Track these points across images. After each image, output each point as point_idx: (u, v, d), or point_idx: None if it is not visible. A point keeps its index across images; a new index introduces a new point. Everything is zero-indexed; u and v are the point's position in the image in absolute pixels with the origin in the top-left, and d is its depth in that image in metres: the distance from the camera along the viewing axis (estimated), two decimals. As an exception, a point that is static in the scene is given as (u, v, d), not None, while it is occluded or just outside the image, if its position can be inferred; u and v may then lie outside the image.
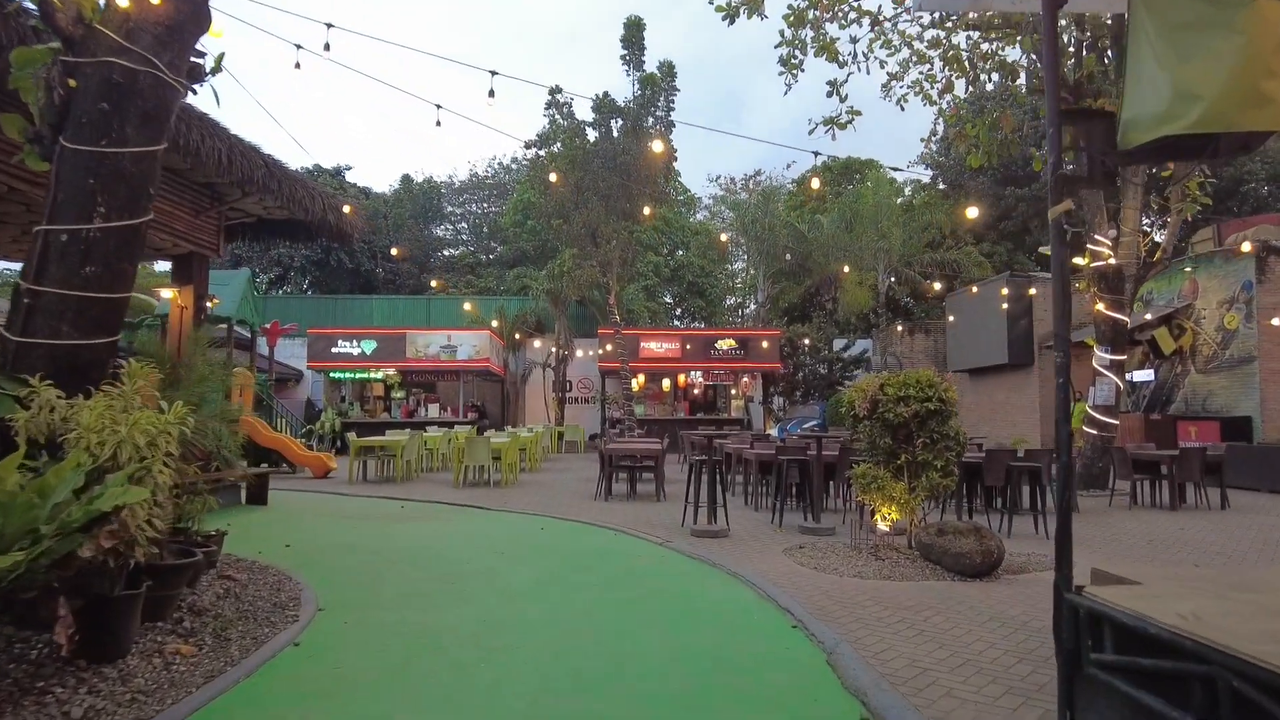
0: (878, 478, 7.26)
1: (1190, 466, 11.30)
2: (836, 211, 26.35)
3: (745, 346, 23.37)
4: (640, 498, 11.96)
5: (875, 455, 7.48)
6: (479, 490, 12.80)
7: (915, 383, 7.28)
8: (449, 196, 43.28)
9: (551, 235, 22.66)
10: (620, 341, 19.83)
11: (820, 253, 25.53)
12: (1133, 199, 13.30)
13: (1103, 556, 7.37)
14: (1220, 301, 16.18)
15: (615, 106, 19.80)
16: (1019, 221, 29.45)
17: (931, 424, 7.21)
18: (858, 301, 25.94)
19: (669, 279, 32.67)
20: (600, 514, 10.12)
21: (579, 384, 26.88)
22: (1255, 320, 15.44)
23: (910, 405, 7.16)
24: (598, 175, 19.79)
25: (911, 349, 26.94)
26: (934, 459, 7.26)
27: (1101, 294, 13.27)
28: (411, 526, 9.22)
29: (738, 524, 9.27)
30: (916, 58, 16.04)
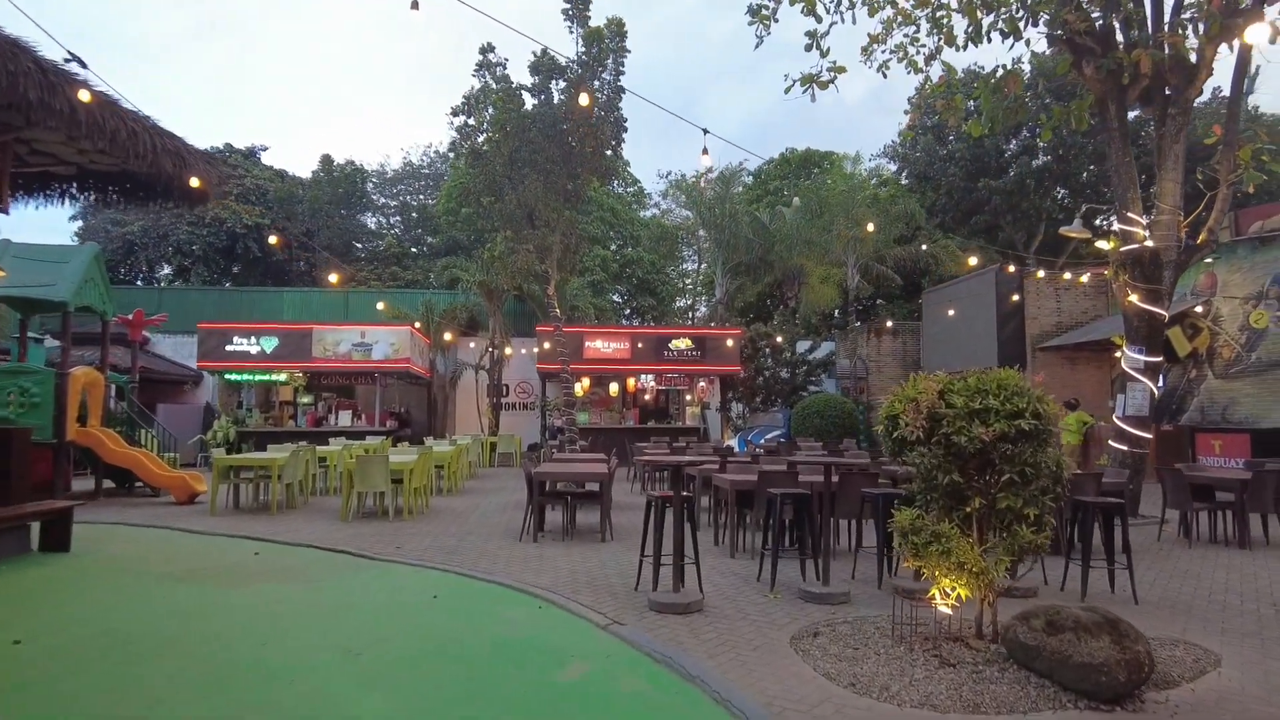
0: (942, 535, 4.72)
1: (1264, 493, 9.12)
2: (801, 201, 24.06)
3: (703, 347, 20.85)
4: (580, 535, 9.28)
5: (933, 498, 4.95)
6: (371, 526, 9.95)
7: (996, 388, 4.77)
8: (381, 187, 39.93)
9: (482, 216, 19.80)
10: (561, 340, 17.12)
11: (783, 246, 23.19)
12: (1172, 169, 11.14)
13: (1225, 634, 5.00)
14: (1244, 297, 14.24)
15: (556, 66, 17.09)
16: (990, 216, 27.63)
17: (1024, 452, 4.71)
18: (823, 299, 23.68)
19: (617, 275, 30.04)
20: (524, 566, 7.40)
21: (517, 388, 24.03)
22: (1289, 318, 13.53)
23: (991, 423, 4.64)
24: (536, 146, 17.04)
25: (879, 351, 24.81)
26: (1024, 506, 4.76)
27: (1134, 283, 11.13)
28: (247, 594, 6.36)
29: (713, 582, 6.67)
30: (901, 17, 13.78)
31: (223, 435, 19.10)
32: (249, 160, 33.52)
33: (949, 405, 4.80)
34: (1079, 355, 17.31)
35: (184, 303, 25.90)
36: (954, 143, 28.41)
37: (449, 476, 13.98)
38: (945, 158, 28.33)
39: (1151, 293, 11.10)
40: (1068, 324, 17.64)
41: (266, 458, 11.45)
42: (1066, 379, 17.30)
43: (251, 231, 29.58)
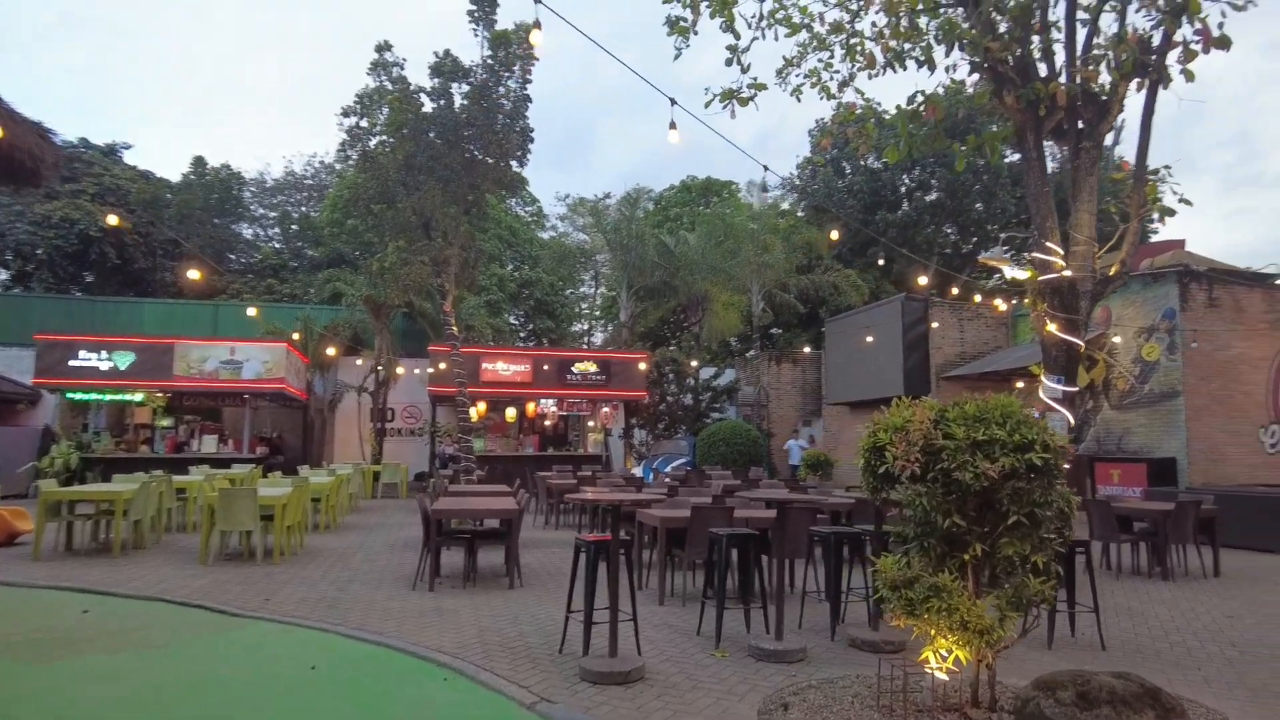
0: (943, 590, 3.99)
1: (1185, 524, 9.04)
2: (705, 227, 23.74)
3: (609, 371, 19.99)
4: (484, 580, 8.17)
5: (927, 543, 4.23)
6: (235, 571, 8.49)
7: (1000, 417, 4.12)
8: (260, 196, 37.25)
9: (372, 226, 18.32)
10: (458, 361, 15.88)
11: (688, 270, 22.75)
12: (1087, 201, 11.22)
13: (1211, 685, 4.56)
14: (1138, 331, 14.67)
15: (459, 68, 16.01)
16: (887, 248, 28.21)
17: (1033, 490, 4.06)
18: (727, 325, 23.35)
19: (514, 295, 28.87)
20: (422, 623, 6.25)
21: (404, 412, 22.41)
22: (1179, 352, 13.96)
23: (997, 457, 3.98)
24: (435, 152, 15.86)
25: (779, 379, 24.69)
26: (1030, 551, 4.11)
27: (1053, 313, 11.12)
28: (64, 672, 4.98)
29: (648, 638, 5.75)
30: (816, 42, 13.57)
31: (61, 462, 16.76)
32: (108, 158, 30.44)
33: (947, 436, 4.11)
34: (982, 384, 17.51)
35: (23, 311, 22.97)
36: (851, 176, 28.96)
37: (327, 510, 12.48)
38: (843, 190, 28.82)
39: (1069, 322, 11.09)
40: (971, 354, 17.86)
41: (108, 490, 9.72)
42: (968, 409, 17.43)
43: (108, 236, 26.68)
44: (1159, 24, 10.68)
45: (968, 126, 20.63)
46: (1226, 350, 14.18)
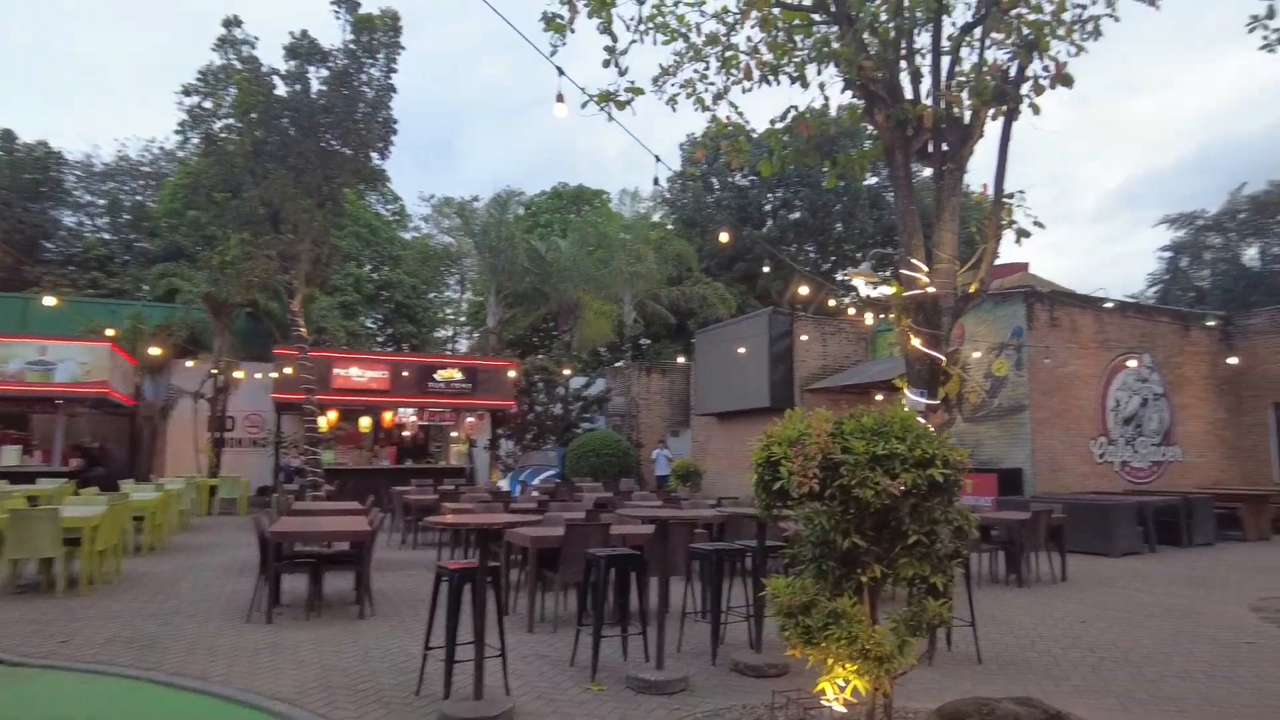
0: (841, 615, 3.72)
1: (1038, 533, 9.43)
2: (577, 234, 23.35)
3: (475, 379, 19.14)
4: (330, 609, 7.35)
5: (826, 565, 3.95)
6: (28, 607, 7.25)
7: (900, 431, 3.92)
8: (87, 182, 33.61)
9: (216, 216, 16.69)
10: (306, 365, 14.67)
11: (559, 277, 22.28)
12: (950, 221, 11.62)
13: (1083, 695, 4.60)
14: (989, 347, 15.47)
15: (317, 51, 14.87)
16: (754, 263, 28.84)
17: (933, 508, 3.88)
18: (598, 334, 23.03)
19: (372, 297, 27.37)
20: (255, 663, 5.44)
21: (245, 421, 20.61)
22: (1026, 368, 14.82)
23: (898, 473, 3.76)
24: (288, 139, 14.64)
25: (649, 389, 24.61)
26: (930, 572, 3.92)
27: (917, 328, 11.45)
28: None
29: (517, 671, 5.22)
30: (693, 52, 13.51)
31: None
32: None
33: (846, 450, 3.86)
34: (843, 397, 18.00)
35: None
36: (720, 192, 29.44)
37: (151, 531, 11.09)
38: (713, 205, 29.25)
39: (932, 338, 11.44)
40: (833, 367, 18.34)
41: None
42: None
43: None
44: (1014, 57, 11.26)
45: (833, 146, 21.33)
46: (1065, 367, 15.22)
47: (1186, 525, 12.55)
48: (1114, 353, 16.05)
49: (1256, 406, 17.71)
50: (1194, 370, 17.27)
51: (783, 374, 18.06)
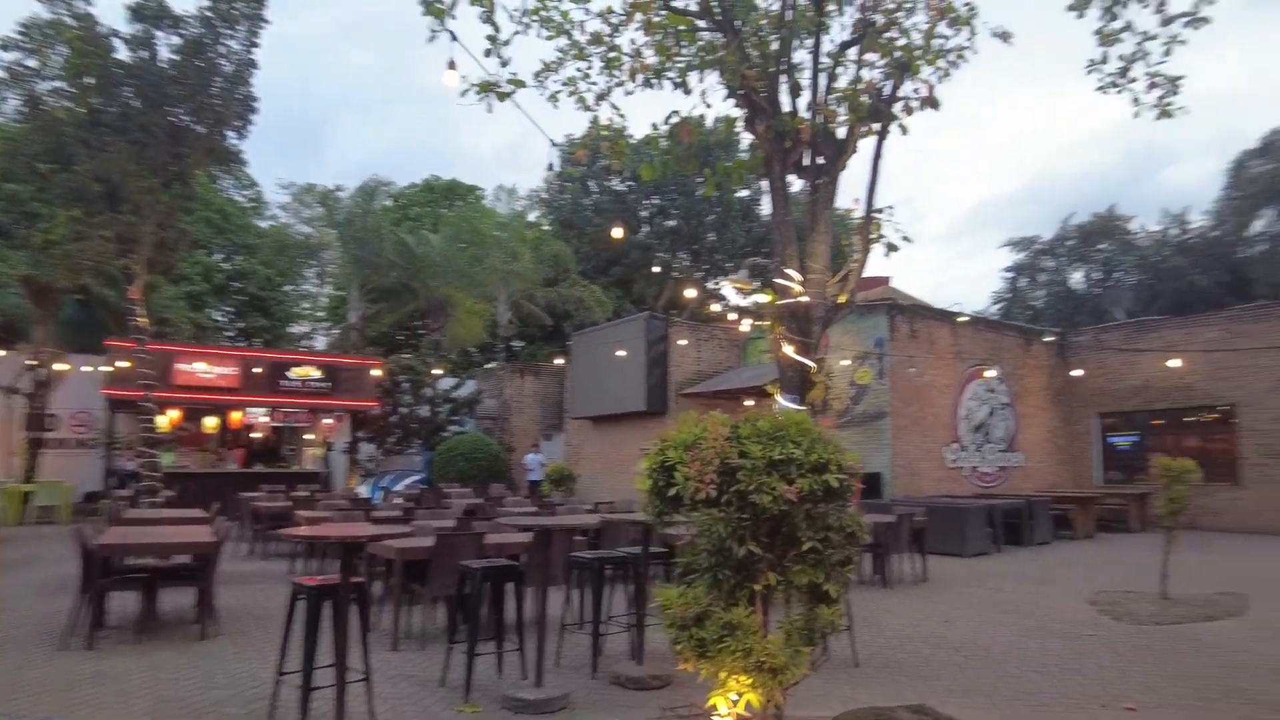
0: (736, 626, 3.58)
1: (902, 535, 9.79)
2: (450, 229, 22.55)
3: (335, 378, 18.05)
4: (166, 629, 6.59)
5: (722, 574, 3.80)
6: None
7: (797, 435, 3.84)
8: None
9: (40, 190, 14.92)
10: (145, 358, 13.33)
11: (430, 273, 21.44)
12: (823, 233, 11.95)
13: (955, 694, 4.74)
14: (853, 356, 16.07)
15: (168, 14, 13.56)
16: (630, 268, 28.93)
17: (828, 514, 3.82)
18: (470, 333, 22.33)
19: (222, 288, 25.44)
20: (69, 696, 4.74)
21: (71, 419, 18.59)
22: (887, 377, 15.49)
23: (794, 478, 3.67)
24: (130, 110, 13.27)
25: (522, 391, 24.12)
26: (823, 579, 3.86)
27: (790, 336, 11.69)
28: None
29: (381, 694, 4.80)
30: (576, 50, 13.32)
31: None
32: None
33: (743, 454, 3.74)
34: (715, 403, 18.24)
35: None
36: (598, 195, 29.36)
37: (-53, 544, 9.69)
38: (589, 207, 29.11)
39: (804, 345, 11.71)
40: (707, 372, 18.56)
41: None
42: (704, 425, 18.09)
43: None
44: (888, 77, 11.74)
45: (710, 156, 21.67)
46: (922, 377, 16.03)
47: (1029, 526, 13.46)
48: (966, 364, 17.07)
49: (1084, 416, 19.34)
50: (1034, 382, 18.65)
51: (658, 378, 18.10)
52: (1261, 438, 16.20)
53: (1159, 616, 7.75)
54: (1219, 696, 5.21)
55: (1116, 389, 18.60)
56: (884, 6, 12.08)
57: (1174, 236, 34.60)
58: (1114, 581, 9.81)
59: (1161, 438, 18.37)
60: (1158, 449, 18.47)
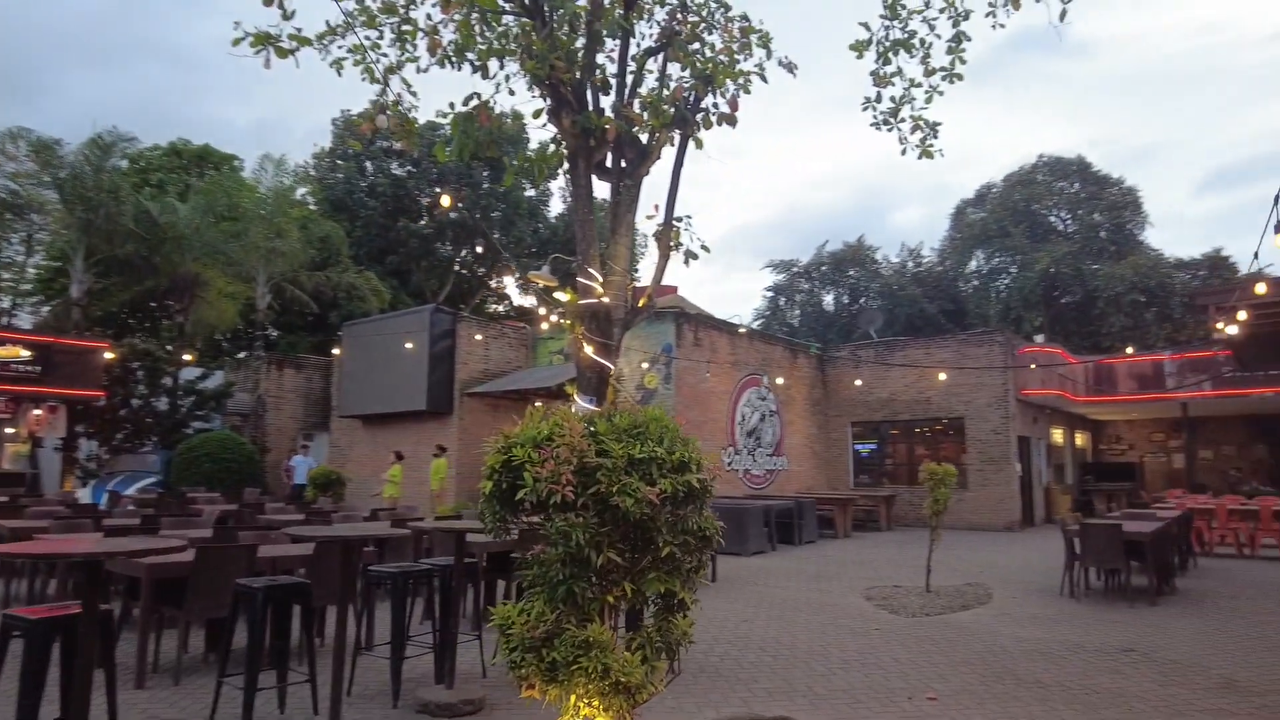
0: (594, 643, 3.20)
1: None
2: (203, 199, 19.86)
3: (48, 361, 15.10)
4: None
5: (578, 586, 3.39)
6: None
7: (657, 431, 3.55)
8: None
9: None
10: None
11: (174, 246, 18.74)
12: (625, 235, 11.88)
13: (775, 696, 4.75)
14: (641, 362, 16.24)
15: None
16: (406, 258, 27.35)
17: (688, 517, 3.56)
18: (223, 317, 19.81)
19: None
20: None
21: None
22: (674, 382, 15.81)
23: (656, 479, 3.38)
24: None
25: (281, 386, 21.88)
26: (679, 587, 3.59)
27: (590, 336, 11.47)
28: None
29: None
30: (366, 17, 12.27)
31: None
32: None
33: (602, 453, 3.38)
34: (501, 403, 17.66)
35: None
36: (376, 177, 27.56)
37: None
38: (366, 190, 27.23)
39: (604, 346, 11.57)
40: (494, 372, 17.91)
41: None
42: (489, 425, 17.42)
43: None
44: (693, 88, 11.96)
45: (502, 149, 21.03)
46: (704, 383, 16.58)
47: (799, 526, 14.31)
48: (742, 373, 17.92)
49: (839, 424, 21.11)
50: (798, 392, 20.03)
51: (442, 376, 17.15)
52: (982, 447, 18.58)
53: (927, 608, 8.43)
54: (996, 679, 5.65)
55: (868, 400, 20.49)
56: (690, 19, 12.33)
57: (910, 269, 39.16)
58: (880, 577, 10.61)
59: (898, 446, 20.54)
60: (895, 456, 20.67)
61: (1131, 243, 34.85)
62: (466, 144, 13.08)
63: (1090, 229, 35.10)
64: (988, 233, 37.12)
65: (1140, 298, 30.72)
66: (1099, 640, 6.86)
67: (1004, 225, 36.16)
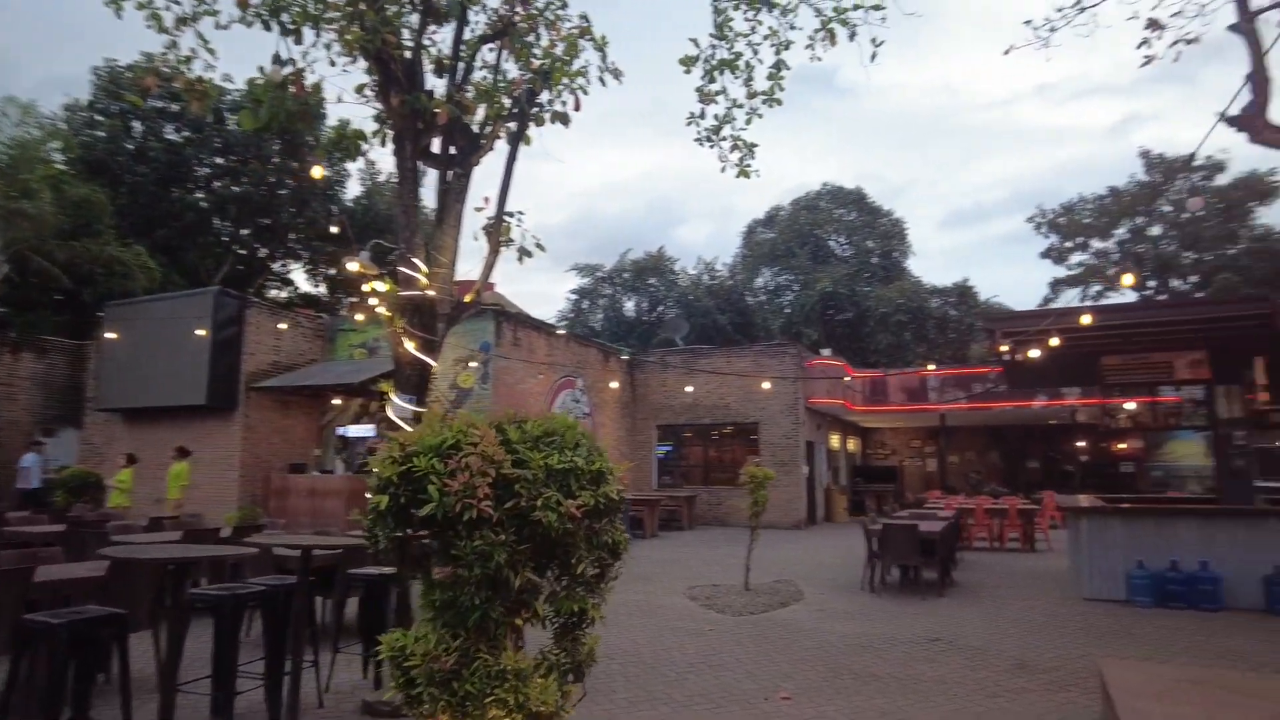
0: (510, 671, 2.95)
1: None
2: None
3: None
4: None
5: (495, 610, 3.09)
6: None
7: (573, 439, 3.36)
8: None
9: None
10: None
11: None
12: (453, 226, 11.33)
13: (614, 700, 4.74)
14: (456, 360, 15.63)
15: None
16: (179, 233, 24.37)
17: (605, 532, 3.39)
18: (-60, 289, 16.48)
19: None
20: None
21: None
22: (491, 382, 15.34)
23: (576, 492, 3.20)
24: None
25: (14, 372, 18.70)
26: (591, 605, 3.41)
27: (412, 331, 10.78)
28: None
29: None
30: (155, -43, 10.81)
31: None
32: None
33: (520, 463, 3.15)
34: (294, 400, 16.25)
35: None
36: (147, 139, 24.40)
37: None
38: (133, 154, 24.02)
39: (426, 343, 10.96)
40: (286, 364, 16.41)
41: None
42: (278, 424, 15.95)
43: None
44: (530, 82, 11.67)
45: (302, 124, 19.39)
46: (522, 383, 16.27)
47: (613, 529, 14.40)
48: (558, 374, 17.81)
49: (645, 427, 21.62)
50: (609, 394, 20.26)
51: (226, 368, 15.42)
52: (774, 450, 19.80)
53: (750, 606, 8.78)
54: (835, 674, 5.98)
55: (673, 405, 21.16)
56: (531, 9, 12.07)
57: (705, 281, 41.04)
58: (697, 576, 10.93)
59: (693, 448, 21.46)
60: (689, 458, 21.58)
61: (897, 269, 38.88)
62: (277, 113, 11.95)
63: (864, 254, 38.74)
64: (775, 252, 39.82)
65: (903, 318, 34.31)
66: (909, 632, 7.50)
67: (790, 246, 38.98)
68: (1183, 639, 7.18)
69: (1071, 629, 7.64)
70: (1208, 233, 32.91)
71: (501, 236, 12.23)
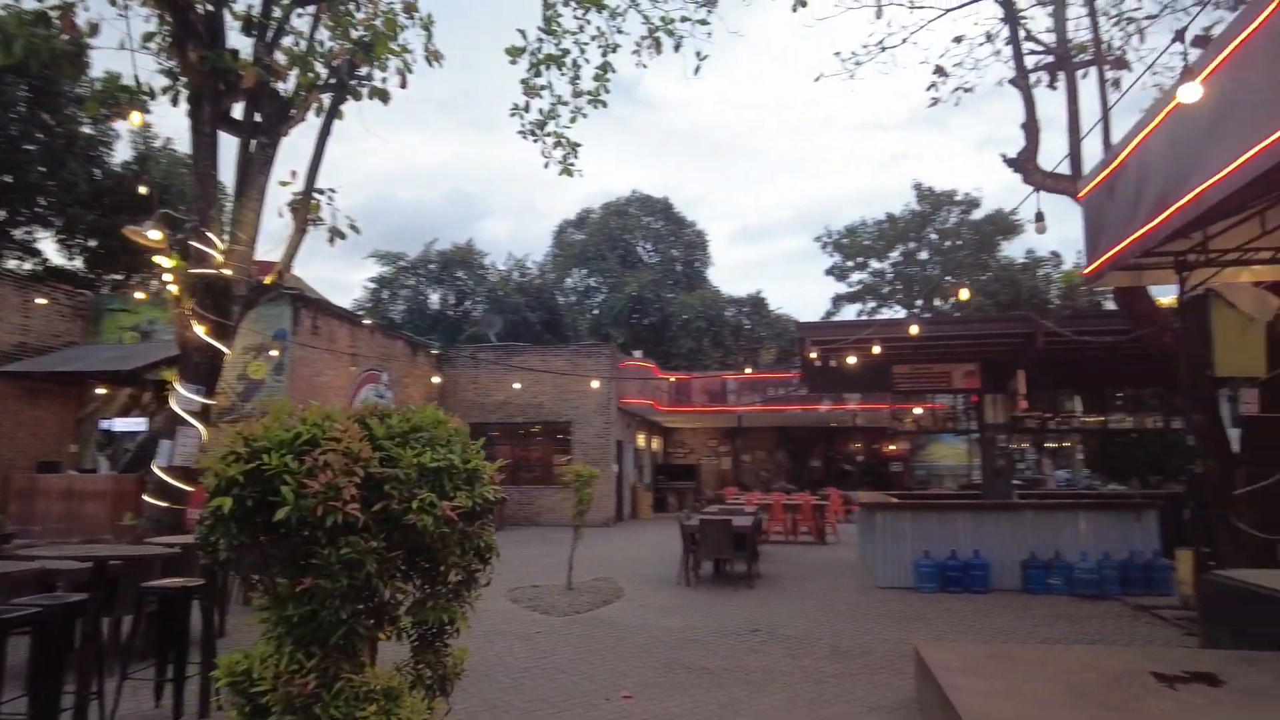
0: (383, 692, 2.68)
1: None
2: None
3: None
4: None
5: (362, 625, 2.76)
6: None
7: (445, 435, 3.15)
8: None
9: None
10: None
11: None
12: (255, 200, 10.32)
13: (472, 707, 4.55)
14: (245, 348, 14.23)
15: None
16: None
17: (478, 536, 3.18)
18: None
19: None
20: None
21: None
22: (286, 373, 14.10)
23: (451, 493, 2.98)
24: None
25: None
26: (460, 614, 3.19)
27: (204, 313, 9.61)
28: None
29: None
30: None
31: None
32: None
33: (390, 460, 2.89)
34: (46, 387, 14.06)
35: None
36: None
37: None
38: None
39: (220, 327, 9.87)
40: (36, 347, 14.15)
41: None
42: (25, 414, 13.72)
43: None
44: (351, 53, 10.87)
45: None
46: (321, 375, 15.13)
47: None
48: (361, 367, 16.79)
49: (453, 425, 20.91)
50: (417, 390, 19.40)
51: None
52: (586, 449, 19.92)
53: (574, 606, 8.73)
54: (669, 669, 6.06)
55: (486, 402, 20.66)
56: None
57: (515, 278, 40.57)
58: (516, 577, 10.71)
59: (502, 448, 21.11)
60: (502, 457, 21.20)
61: (698, 278, 40.58)
62: (40, 51, 10.46)
63: (669, 262, 40.06)
64: (586, 254, 40.19)
65: (703, 324, 35.87)
66: (729, 623, 7.78)
67: (600, 250, 39.49)
68: (965, 619, 8.03)
69: (873, 615, 8.30)
70: (966, 260, 37.32)
71: (310, 215, 11.44)
